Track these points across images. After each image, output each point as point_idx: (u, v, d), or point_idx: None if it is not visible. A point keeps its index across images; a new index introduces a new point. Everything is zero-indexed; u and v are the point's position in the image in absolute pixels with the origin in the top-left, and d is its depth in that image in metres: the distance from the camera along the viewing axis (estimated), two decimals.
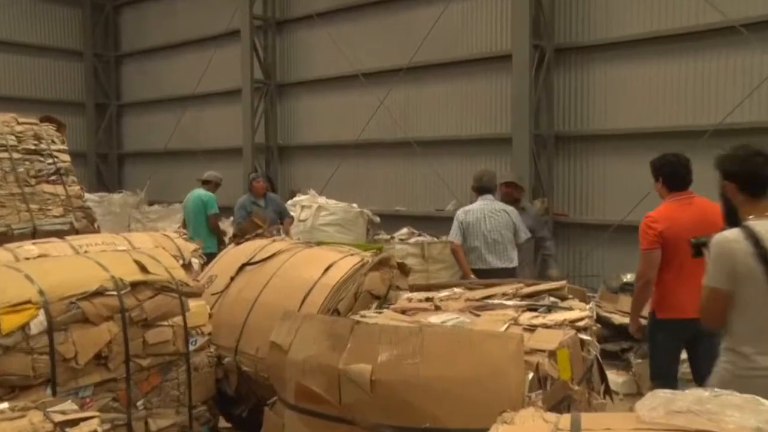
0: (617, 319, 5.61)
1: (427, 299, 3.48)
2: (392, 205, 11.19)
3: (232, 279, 4.20)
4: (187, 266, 3.81)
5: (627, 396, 5.50)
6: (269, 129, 13.13)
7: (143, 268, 3.37)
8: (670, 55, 8.15)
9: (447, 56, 10.32)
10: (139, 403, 3.28)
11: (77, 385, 3.04)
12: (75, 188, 5.79)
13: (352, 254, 4.12)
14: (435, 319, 3.02)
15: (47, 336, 2.93)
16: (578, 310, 3.11)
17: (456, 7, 10.14)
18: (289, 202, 9.51)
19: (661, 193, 4.39)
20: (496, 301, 3.36)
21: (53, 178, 5.68)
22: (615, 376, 5.59)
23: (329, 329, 2.70)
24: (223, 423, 3.97)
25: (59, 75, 16.35)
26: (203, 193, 8.13)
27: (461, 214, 6.03)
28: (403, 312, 3.25)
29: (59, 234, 4.51)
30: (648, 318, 4.50)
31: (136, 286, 3.28)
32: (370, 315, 3.27)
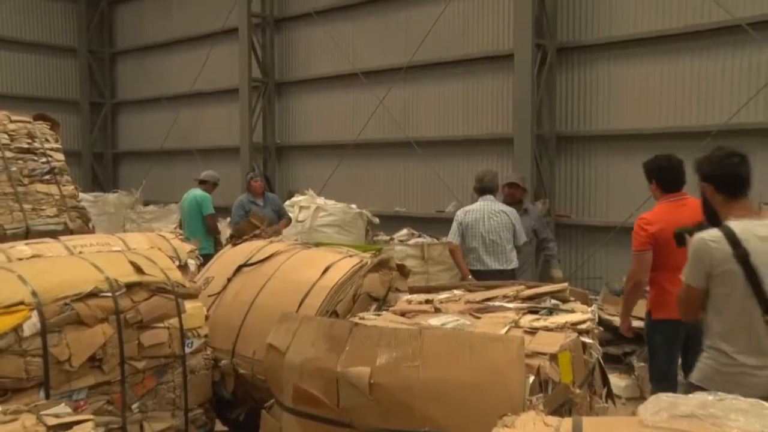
0: (620, 322, 5.61)
1: (427, 301, 3.48)
2: (392, 205, 11.20)
3: (229, 280, 4.20)
4: (183, 267, 3.82)
5: (629, 400, 5.51)
6: (267, 128, 13.13)
7: (138, 269, 3.37)
8: (674, 54, 8.15)
9: (448, 55, 10.33)
10: (134, 406, 3.28)
11: (71, 387, 3.03)
12: (69, 188, 5.78)
13: (351, 255, 4.12)
14: (435, 321, 3.02)
15: (40, 338, 2.93)
16: (580, 313, 3.12)
17: (457, 5, 10.15)
18: (287, 202, 9.51)
19: (654, 194, 4.49)
20: (497, 304, 3.37)
21: (47, 177, 5.67)
22: (617, 380, 5.60)
23: (327, 331, 2.70)
24: (219, 426, 3.97)
25: (53, 72, 16.33)
26: (199, 193, 8.13)
27: (461, 214, 6.07)
28: (403, 314, 3.26)
29: (53, 234, 4.50)
30: (645, 319, 4.55)
31: (131, 287, 3.28)
32: (369, 317, 3.28)
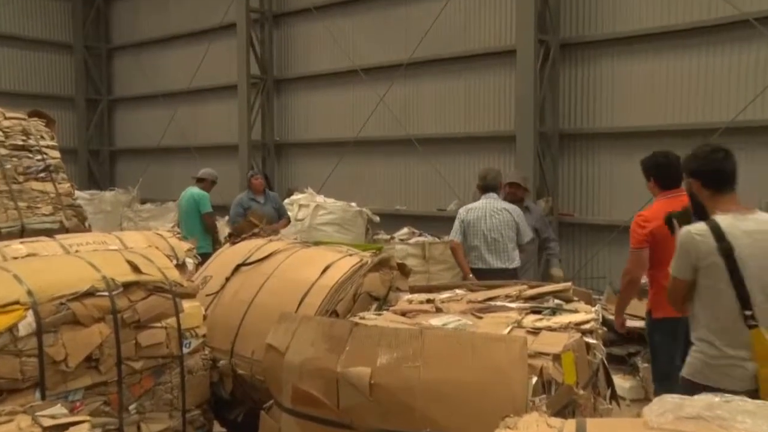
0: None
1: (428, 301, 3.48)
2: (392, 204, 11.20)
3: (227, 280, 4.20)
4: (181, 266, 3.80)
5: (634, 401, 5.51)
6: (266, 126, 13.13)
7: (136, 268, 3.37)
8: (680, 50, 8.15)
9: (449, 51, 10.32)
10: (132, 407, 3.27)
11: (67, 388, 3.03)
12: (65, 186, 5.77)
13: (351, 254, 4.12)
14: (436, 321, 3.02)
15: (36, 338, 2.92)
16: (584, 313, 3.12)
17: (458, 0, 10.15)
18: (287, 200, 9.53)
19: (652, 191, 4.53)
20: (499, 303, 3.37)
21: (42, 175, 5.66)
22: (621, 381, 5.60)
23: (327, 331, 2.70)
24: (217, 427, 3.97)
25: (48, 68, 16.32)
26: (196, 191, 8.13)
27: (463, 212, 6.08)
28: (404, 314, 3.26)
29: (49, 233, 4.49)
30: (645, 319, 4.57)
31: (128, 286, 3.28)
32: (370, 317, 3.28)
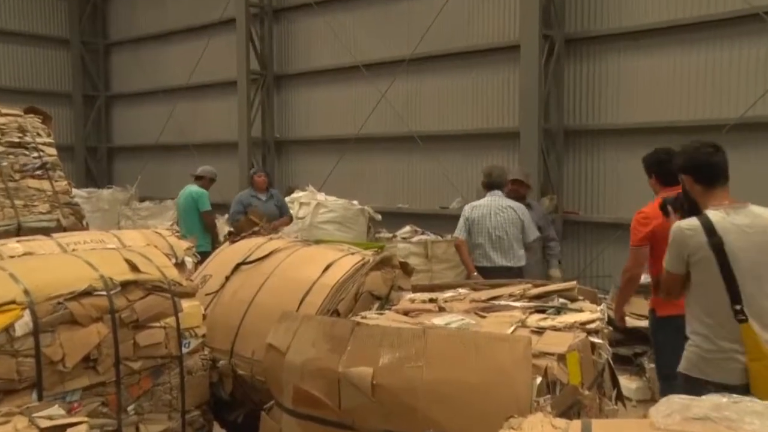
0: (630, 321, 5.61)
1: (431, 300, 3.48)
2: (394, 202, 11.20)
3: (227, 279, 4.20)
4: (180, 265, 3.80)
5: (640, 402, 5.51)
6: (266, 122, 13.13)
7: (134, 267, 3.37)
8: (687, 44, 8.13)
9: (452, 47, 10.31)
10: (130, 408, 3.27)
11: (64, 389, 3.03)
12: (62, 183, 5.77)
13: (353, 253, 4.12)
14: (439, 320, 3.02)
15: (33, 338, 2.92)
16: (589, 312, 3.12)
17: None
18: (287, 198, 9.53)
19: (654, 188, 4.58)
20: (503, 302, 3.37)
21: (39, 172, 5.66)
22: (627, 382, 5.60)
23: (329, 331, 2.70)
24: (217, 429, 3.97)
25: (44, 64, 16.33)
26: (195, 189, 8.14)
27: (468, 209, 6.10)
28: (406, 313, 3.26)
29: (45, 231, 4.50)
30: (648, 317, 4.59)
31: (126, 285, 3.28)
32: (372, 316, 3.28)
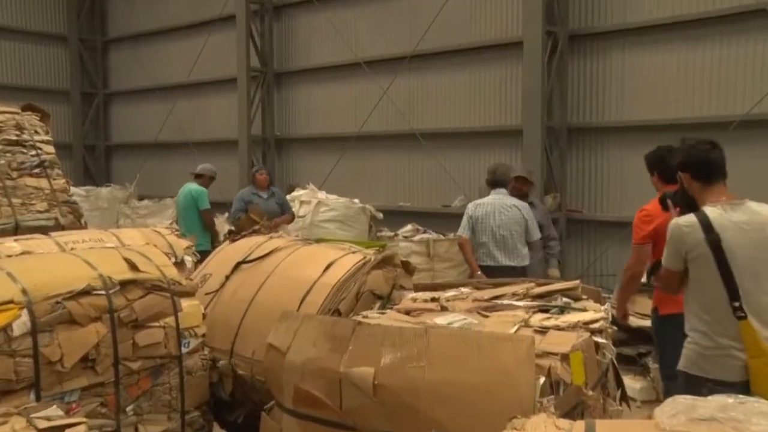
0: (634, 321, 5.61)
1: (433, 299, 3.48)
2: (396, 200, 11.20)
3: (227, 278, 4.20)
4: (179, 264, 3.81)
5: (645, 403, 5.51)
6: (266, 120, 13.13)
7: (133, 266, 3.37)
8: (692, 41, 8.12)
9: (454, 43, 10.31)
10: (129, 408, 3.27)
11: (63, 389, 3.03)
12: (60, 182, 5.78)
13: (354, 252, 4.12)
14: (441, 320, 3.02)
15: (31, 337, 2.92)
16: (593, 312, 3.12)
17: None
18: (288, 197, 9.53)
19: (656, 186, 4.59)
20: (506, 302, 3.36)
21: (37, 171, 5.67)
22: (632, 382, 5.60)
23: (330, 330, 2.70)
24: (217, 429, 3.98)
25: (42, 61, 16.33)
26: (194, 188, 8.15)
27: (471, 207, 6.09)
28: (408, 313, 3.26)
29: (43, 230, 4.50)
30: (651, 316, 4.59)
31: (125, 285, 3.28)
32: (373, 316, 3.27)
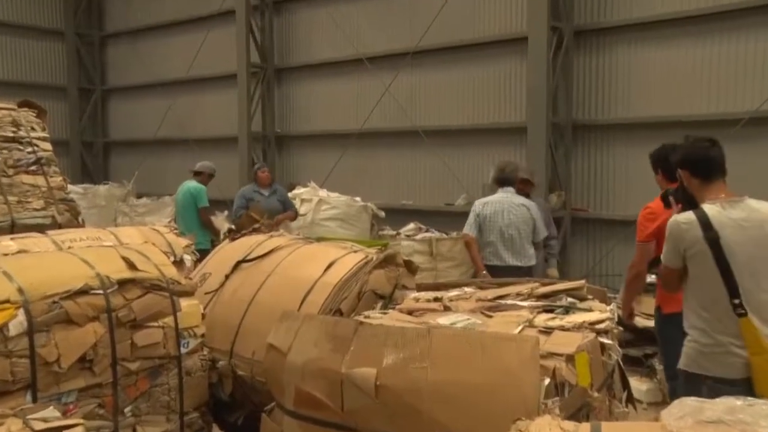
0: (641, 321, 5.60)
1: (436, 299, 3.48)
2: (398, 198, 11.20)
3: (226, 277, 4.20)
4: (178, 263, 3.81)
5: (651, 405, 5.51)
6: (266, 117, 13.14)
7: (131, 265, 3.37)
8: (701, 36, 8.10)
9: (457, 39, 10.30)
10: (127, 409, 3.28)
11: (60, 390, 3.03)
12: (57, 179, 5.78)
13: (356, 251, 4.12)
14: (444, 320, 3.02)
15: (27, 338, 2.92)
16: (598, 312, 3.12)
17: None
18: (288, 195, 9.53)
19: (661, 185, 4.61)
20: (510, 302, 3.36)
21: (33, 168, 5.67)
22: (638, 383, 5.59)
23: (331, 331, 2.70)
24: (216, 431, 3.99)
25: (39, 56, 16.32)
26: (193, 185, 8.16)
27: (479, 205, 6.06)
28: (410, 313, 3.26)
29: (40, 228, 4.50)
30: (654, 316, 4.62)
31: (123, 284, 3.28)
32: (375, 316, 3.28)
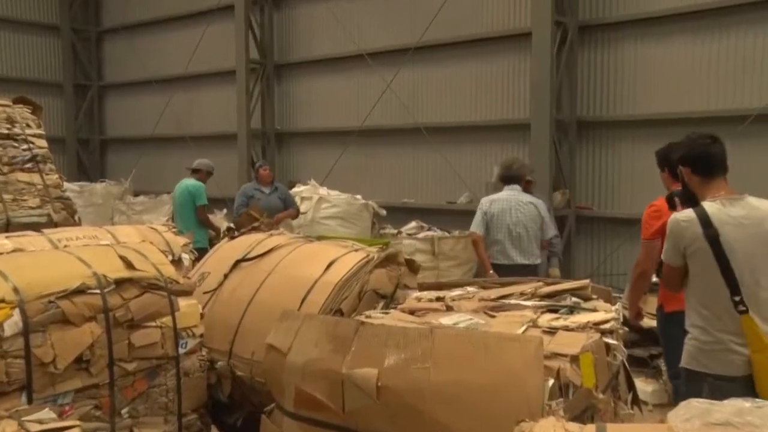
0: (646, 321, 5.60)
1: (438, 299, 3.48)
2: (399, 196, 11.20)
3: (225, 276, 4.21)
4: (176, 262, 3.81)
5: (657, 406, 5.50)
6: (266, 113, 13.14)
7: (129, 265, 3.37)
8: (707, 31, 8.09)
9: (460, 34, 10.29)
10: (124, 410, 3.28)
11: (56, 391, 3.02)
12: (53, 177, 5.79)
13: (357, 250, 4.12)
14: (446, 320, 3.02)
15: (23, 338, 2.92)
16: (603, 312, 3.11)
17: None
18: (290, 192, 9.54)
19: (666, 183, 4.64)
20: (513, 302, 3.36)
21: (29, 165, 5.68)
22: (644, 385, 5.59)
23: (332, 331, 2.70)
24: None
25: (34, 52, 16.32)
26: (191, 183, 8.16)
27: (486, 203, 6.05)
28: (412, 312, 3.26)
29: (36, 227, 4.51)
30: (657, 315, 4.63)
31: (120, 283, 3.28)
32: (376, 315, 3.28)
